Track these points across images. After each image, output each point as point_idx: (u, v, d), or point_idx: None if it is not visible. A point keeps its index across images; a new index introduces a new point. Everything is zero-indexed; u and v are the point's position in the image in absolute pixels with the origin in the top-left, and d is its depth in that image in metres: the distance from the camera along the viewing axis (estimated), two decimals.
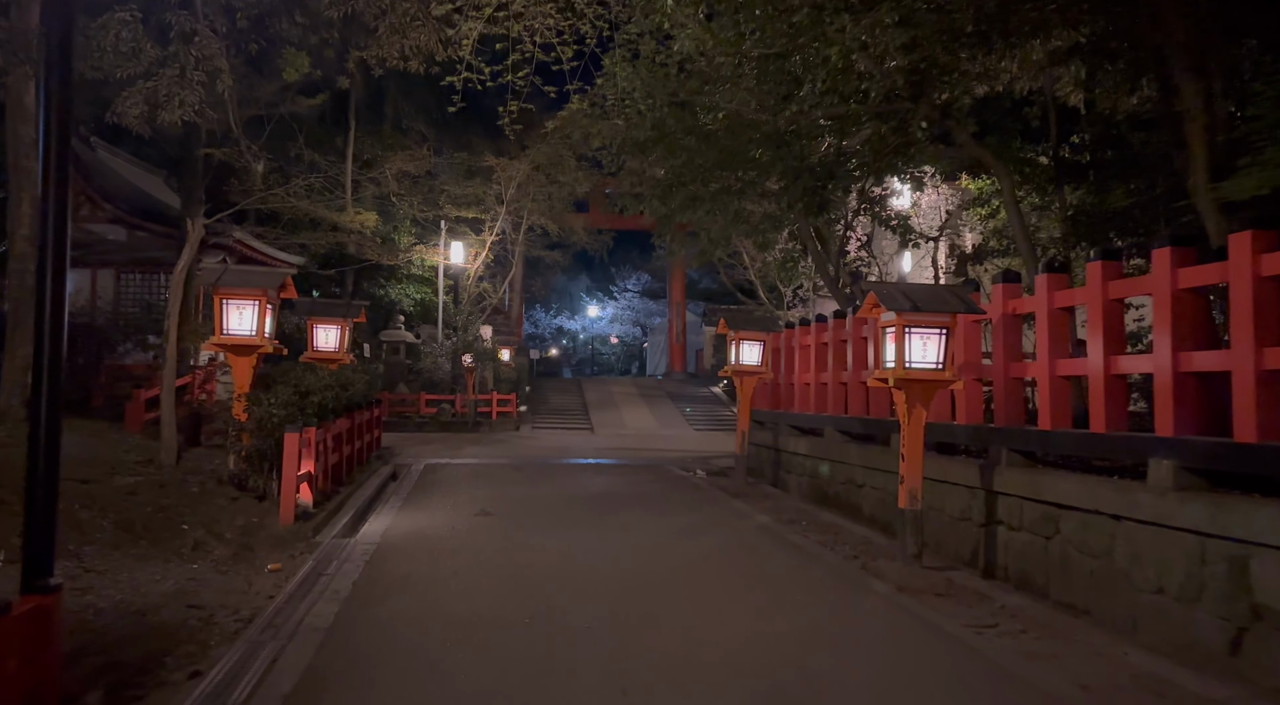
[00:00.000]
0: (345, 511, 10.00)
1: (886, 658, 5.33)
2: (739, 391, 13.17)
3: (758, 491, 12.74)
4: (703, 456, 17.69)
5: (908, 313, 7.47)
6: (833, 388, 12.00)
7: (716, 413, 29.31)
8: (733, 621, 5.95)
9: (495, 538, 8.64)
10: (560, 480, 13.21)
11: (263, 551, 8.09)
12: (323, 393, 10.03)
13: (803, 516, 10.53)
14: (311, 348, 12.20)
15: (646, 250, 54.95)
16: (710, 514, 10.45)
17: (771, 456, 14.18)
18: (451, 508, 10.42)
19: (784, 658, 5.17)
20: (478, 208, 27.86)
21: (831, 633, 5.83)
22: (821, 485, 12.12)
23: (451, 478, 13.26)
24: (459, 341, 24.56)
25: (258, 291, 9.15)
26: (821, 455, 12.13)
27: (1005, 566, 7.82)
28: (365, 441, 13.92)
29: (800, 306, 26.72)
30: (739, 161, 12.36)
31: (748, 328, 12.66)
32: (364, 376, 12.72)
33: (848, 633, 5.89)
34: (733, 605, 6.37)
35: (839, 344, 12.00)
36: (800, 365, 13.28)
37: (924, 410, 7.71)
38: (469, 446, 19.02)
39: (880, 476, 10.32)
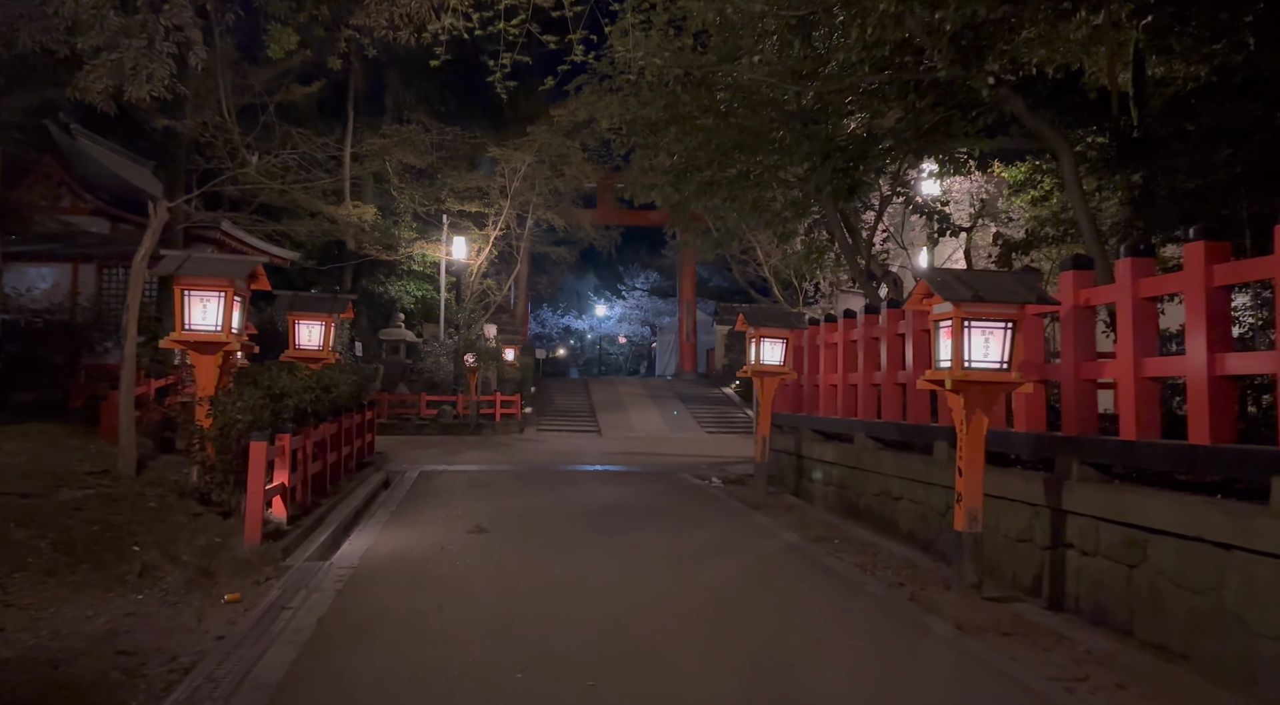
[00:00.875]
0: (324, 528, 8.99)
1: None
2: (759, 393, 12.11)
3: (780, 503, 11.68)
4: (717, 462, 16.64)
5: (968, 303, 6.40)
6: (863, 389, 10.94)
7: (728, 415, 28.23)
8: (771, 676, 4.89)
9: (489, 561, 7.60)
10: (564, 490, 12.16)
11: (223, 577, 7.07)
12: (300, 395, 9.01)
13: (833, 533, 9.47)
14: (293, 346, 11.20)
15: (655, 248, 53.97)
16: (730, 531, 9.39)
17: (793, 464, 13.11)
18: (443, 523, 9.39)
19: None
20: (481, 201, 26.83)
21: (892, 691, 4.77)
22: (850, 497, 11.06)
23: (447, 487, 12.22)
24: (461, 340, 23.52)
25: (223, 281, 8.14)
26: (851, 464, 11.06)
27: (1076, 597, 6.75)
28: (355, 447, 12.89)
29: (815, 304, 25.65)
30: (759, 143, 11.33)
31: (769, 324, 11.60)
32: (351, 377, 11.71)
33: (911, 690, 4.83)
34: (769, 653, 5.31)
35: (870, 342, 10.94)
36: (826, 365, 12.22)
37: (985, 417, 6.64)
38: (469, 451, 18.00)
39: (920, 489, 9.26)
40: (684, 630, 5.67)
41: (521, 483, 12.88)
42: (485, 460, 16.19)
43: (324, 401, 10.07)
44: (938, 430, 9.03)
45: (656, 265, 55.62)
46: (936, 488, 8.96)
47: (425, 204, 27.02)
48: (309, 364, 11.09)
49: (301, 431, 9.47)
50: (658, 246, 53.19)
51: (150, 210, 9.32)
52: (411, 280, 27.11)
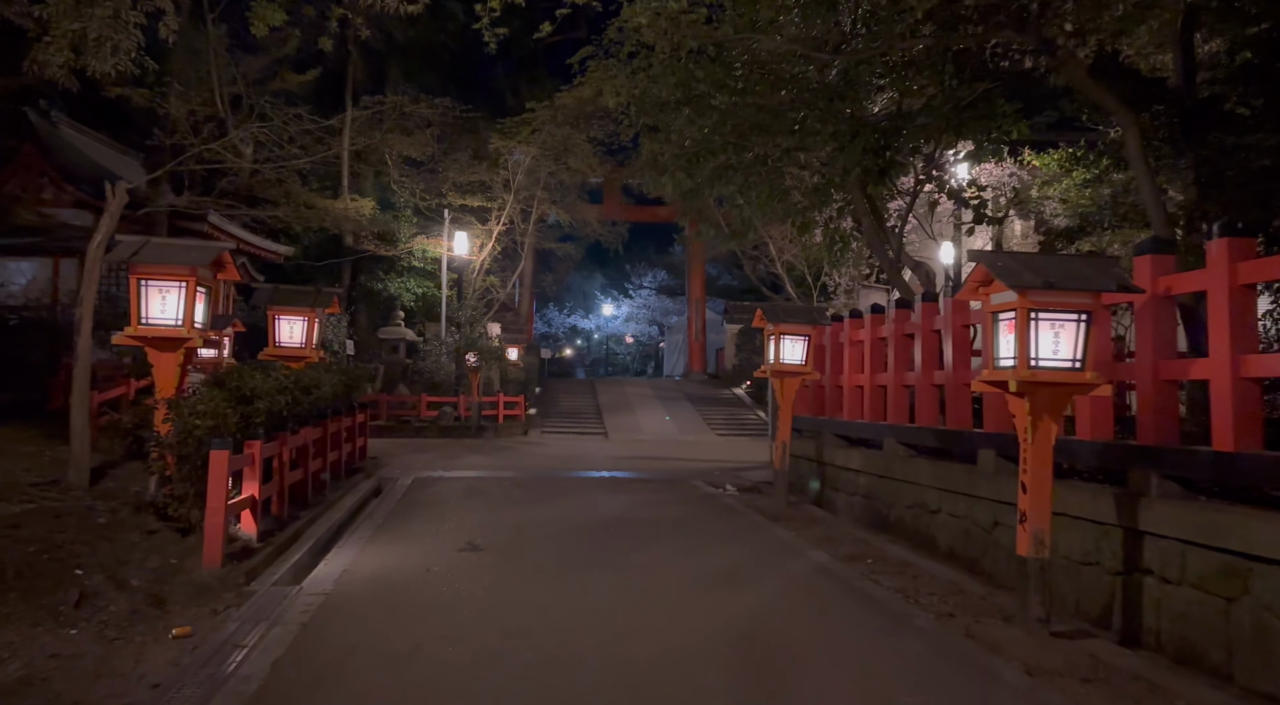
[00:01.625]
0: (300, 545, 8.10)
1: None
2: (778, 395, 11.18)
3: (801, 514, 10.75)
4: (730, 468, 15.71)
5: (1036, 292, 5.48)
6: (894, 391, 10.02)
7: (739, 416, 27.29)
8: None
9: (479, 587, 6.69)
10: (568, 500, 11.25)
11: (175, 606, 6.19)
12: (274, 397, 8.11)
13: (864, 550, 8.54)
14: (273, 343, 10.32)
15: (663, 246, 53.07)
16: (752, 549, 8.46)
17: (814, 470, 12.19)
18: (433, 538, 8.49)
19: None
20: (483, 195, 25.93)
21: None
22: (880, 508, 10.13)
23: (441, 496, 11.32)
24: (462, 339, 22.60)
25: (184, 270, 7.25)
26: (880, 472, 10.14)
27: (1156, 632, 5.84)
28: (343, 453, 12.02)
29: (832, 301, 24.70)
30: (778, 124, 10.42)
31: (790, 320, 10.68)
32: (336, 377, 10.83)
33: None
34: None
35: (902, 338, 10.02)
36: (851, 364, 11.29)
37: (1054, 424, 5.71)
38: (469, 455, 17.10)
39: (962, 502, 8.34)
40: (707, 681, 4.75)
41: (522, 491, 11.97)
42: (485, 466, 15.29)
43: (303, 404, 9.18)
44: (983, 437, 8.10)
45: (664, 263, 54.70)
46: (981, 501, 8.04)
47: (426, 198, 26.15)
48: (290, 363, 10.22)
49: (277, 438, 8.61)
50: (665, 244, 52.31)
51: (109, 193, 8.45)
52: (412, 277, 26.21)
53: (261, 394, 7.93)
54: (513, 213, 26.15)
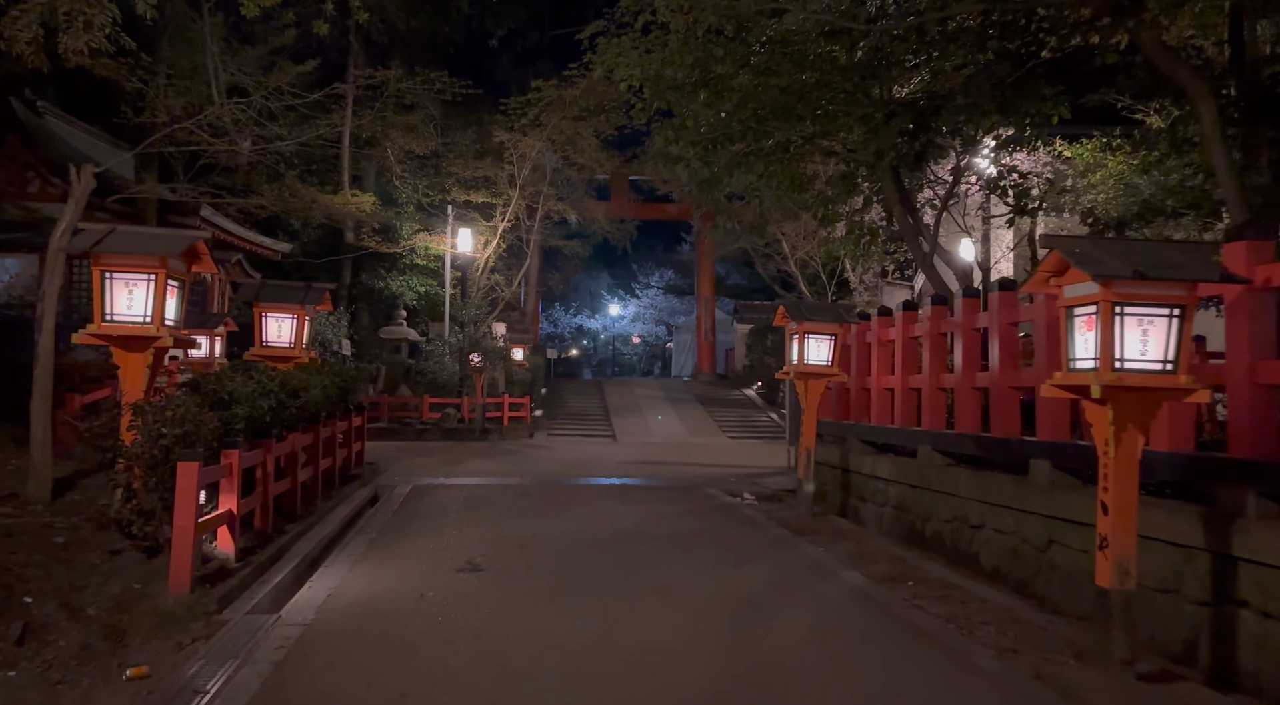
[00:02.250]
0: (285, 563, 7.38)
1: None
2: (802, 398, 10.43)
3: (827, 527, 10.00)
4: (746, 474, 14.96)
5: (1123, 282, 4.72)
6: (929, 394, 9.26)
7: (751, 419, 26.53)
8: None
9: (478, 615, 5.95)
10: (576, 511, 10.50)
11: (136, 639, 5.48)
12: (255, 402, 7.38)
13: (901, 569, 7.79)
14: (260, 342, 9.60)
15: (671, 244, 52.36)
16: (779, 568, 7.71)
17: (838, 479, 11.43)
18: (429, 556, 7.75)
19: None
20: (488, 190, 25.20)
21: None
22: (913, 521, 9.38)
23: (441, 506, 10.59)
24: (466, 339, 21.86)
25: (153, 261, 6.53)
26: (914, 482, 9.38)
27: (1255, 674, 5.09)
28: (337, 459, 11.28)
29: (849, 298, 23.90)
30: (803, 107, 9.68)
31: (815, 318, 9.92)
32: (329, 378, 10.10)
33: None
34: None
35: (938, 338, 9.26)
36: (879, 365, 10.54)
37: (1141, 435, 4.95)
38: (472, 460, 16.36)
39: (1010, 517, 7.58)
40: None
41: (527, 501, 11.23)
42: (488, 471, 14.55)
43: (290, 408, 8.45)
44: (1035, 446, 7.35)
45: (672, 262, 53.99)
46: (1033, 517, 7.28)
47: (429, 194, 25.44)
48: (278, 364, 9.50)
49: (261, 445, 7.88)
50: (674, 242, 51.60)
51: (73, 177, 7.74)
52: (414, 275, 25.48)
53: (241, 398, 7.21)
54: (518, 209, 25.42)
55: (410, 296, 25.31)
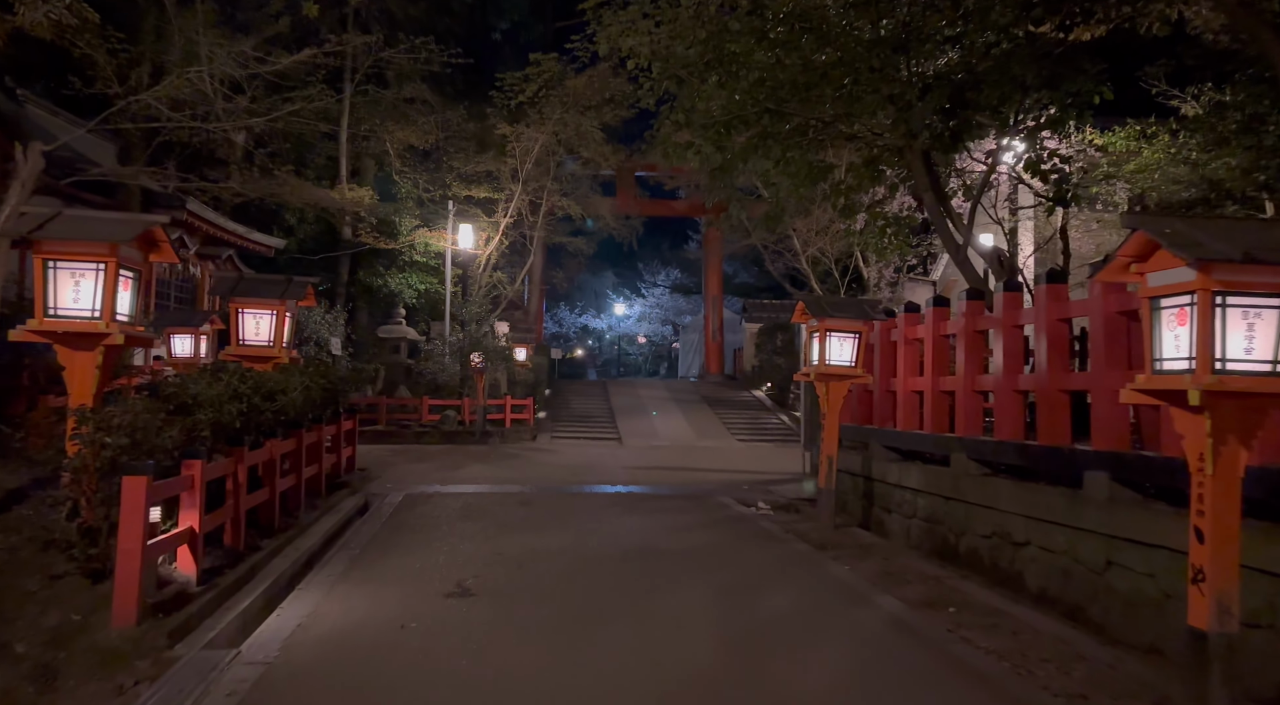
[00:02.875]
0: (255, 585, 6.64)
1: None
2: (823, 401, 9.67)
3: (850, 540, 9.24)
4: (758, 480, 14.20)
5: (1228, 266, 3.96)
6: (963, 398, 8.49)
7: (760, 420, 25.75)
8: None
9: (467, 650, 5.21)
10: (580, 522, 9.75)
11: (70, 681, 4.77)
12: (222, 406, 6.65)
13: (939, 592, 7.03)
14: (236, 341, 8.87)
15: (678, 242, 51.62)
16: (803, 591, 6.96)
17: (860, 487, 10.67)
18: (416, 577, 7.01)
19: None
20: (490, 185, 24.47)
21: None
22: (945, 534, 8.61)
23: (433, 518, 9.85)
24: (466, 338, 21.10)
25: (102, 248, 5.80)
26: (946, 493, 8.61)
27: None
28: (325, 466, 10.55)
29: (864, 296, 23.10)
30: (824, 86, 8.92)
31: (838, 314, 9.17)
32: (314, 379, 9.37)
33: None
34: None
35: (973, 336, 8.50)
36: (906, 366, 9.78)
37: (1244, 448, 4.19)
38: (471, 465, 15.62)
39: (1060, 535, 6.82)
40: None
41: (528, 511, 10.48)
42: (488, 478, 13.81)
43: (266, 412, 7.72)
44: (1092, 456, 6.58)
45: (679, 261, 53.26)
46: (1088, 535, 6.51)
47: (430, 189, 24.71)
48: (256, 364, 8.77)
49: (232, 454, 7.16)
50: (680, 240, 50.86)
51: (19, 156, 7.02)
52: (414, 272, 24.74)
53: (206, 402, 6.47)
54: (521, 204, 24.69)
55: (410, 294, 24.58)
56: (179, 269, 17.23)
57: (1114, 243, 13.97)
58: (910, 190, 9.67)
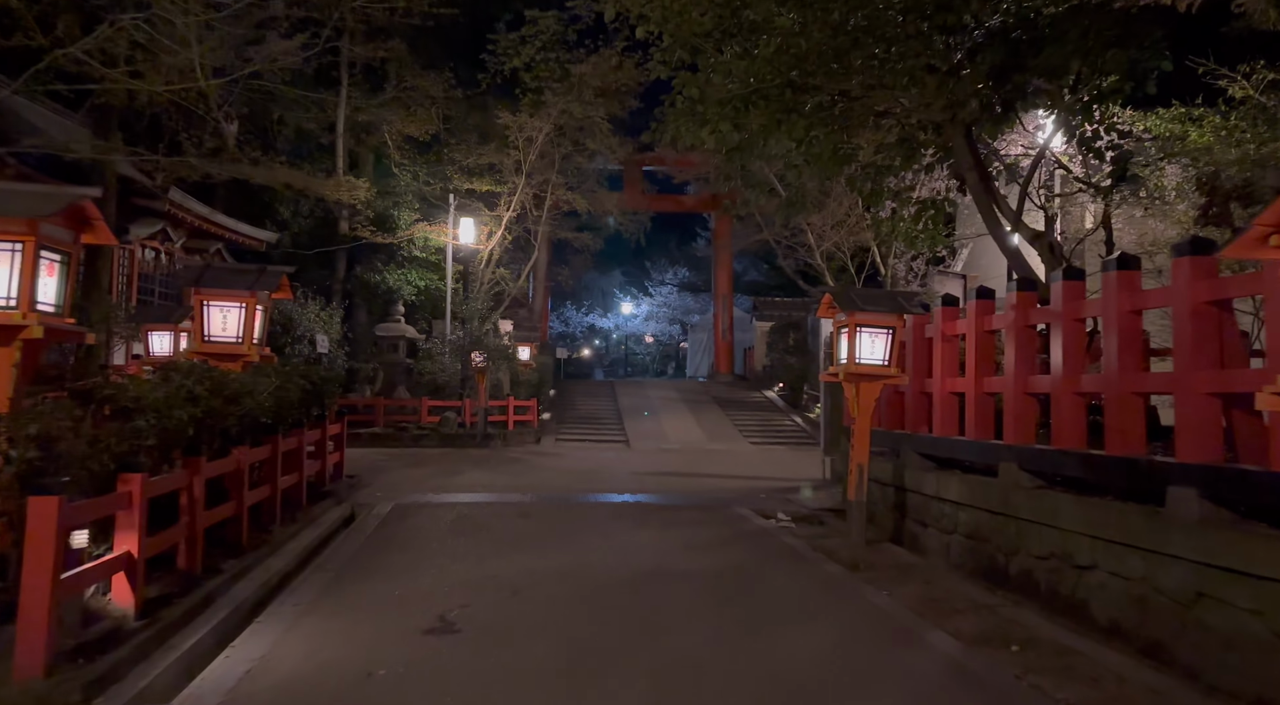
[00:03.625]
0: (208, 617, 5.75)
1: None
2: (852, 404, 8.75)
3: (885, 559, 8.32)
4: (775, 488, 13.28)
5: None
6: (1013, 400, 7.56)
7: (773, 422, 24.82)
8: None
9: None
10: (584, 538, 8.84)
11: None
12: (171, 413, 5.77)
13: (996, 625, 6.11)
14: (200, 337, 7.99)
15: (686, 239, 50.71)
16: (841, 625, 6.04)
17: (890, 498, 9.75)
18: (395, 607, 6.11)
19: None
20: (492, 178, 23.57)
21: None
22: (991, 553, 7.69)
23: (422, 532, 8.96)
24: (467, 336, 20.20)
25: (16, 225, 4.91)
26: (993, 507, 7.68)
27: None
28: (306, 474, 9.68)
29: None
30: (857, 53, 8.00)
31: (871, 308, 8.25)
32: (287, 380, 8.49)
33: None
34: None
35: (1024, 332, 7.58)
36: (944, 365, 8.85)
37: None
38: (470, 470, 14.73)
39: (1136, 559, 5.89)
40: None
41: (527, 524, 9.58)
42: (486, 485, 12.91)
43: (230, 417, 6.84)
44: (1175, 469, 5.65)
45: (687, 259, 52.40)
46: (1172, 561, 5.58)
47: (431, 182, 23.83)
48: (223, 363, 7.89)
49: (189, 465, 6.29)
50: (689, 238, 49.96)
51: None
52: (413, 268, 23.84)
53: (150, 406, 5.58)
54: (524, 198, 23.79)
55: (409, 291, 23.69)
56: (163, 263, 16.40)
57: (1161, 232, 13.01)
58: (950, 170, 8.75)
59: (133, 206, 14.44)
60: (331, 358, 20.17)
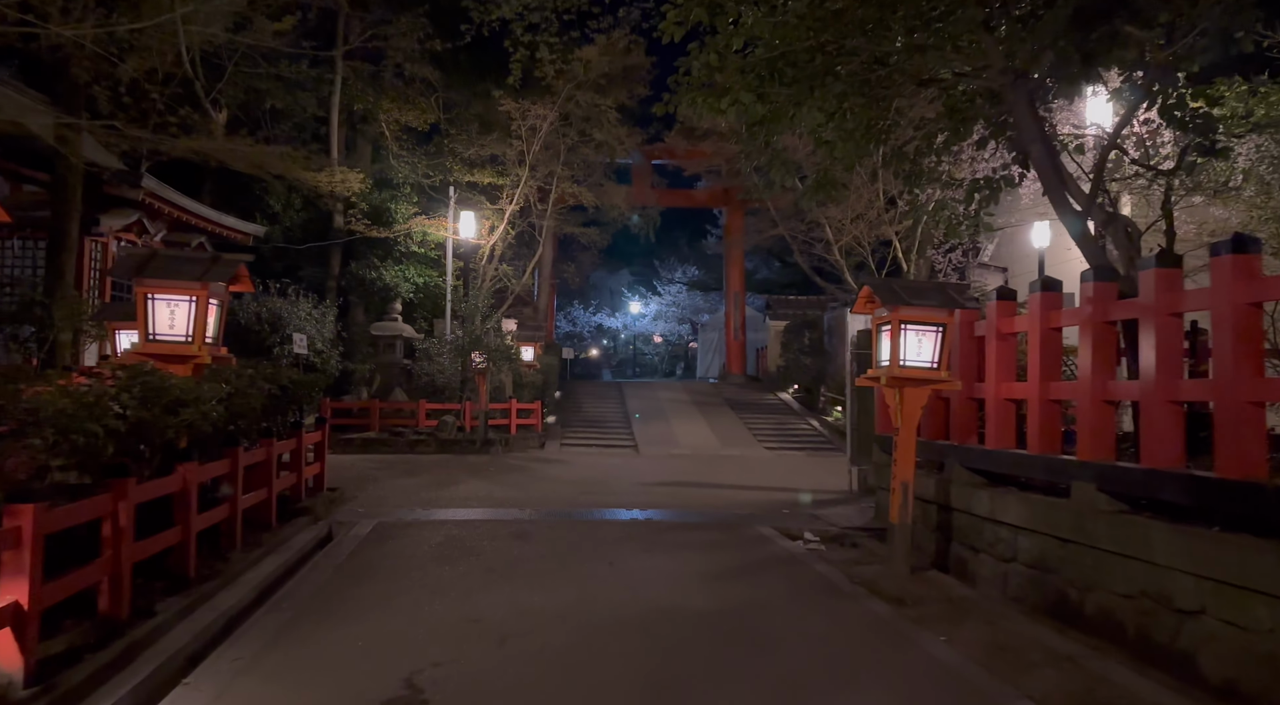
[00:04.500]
0: (124, 679, 4.70)
1: None
2: (894, 412, 7.65)
3: (933, 592, 7.21)
4: (798, 501, 12.17)
5: None
6: (1091, 410, 6.46)
7: (789, 426, 23.68)
8: None
9: None
10: (588, 566, 7.74)
11: None
12: (82, 427, 4.70)
13: (1086, 685, 5.02)
14: (144, 335, 6.93)
15: (696, 236, 49.56)
16: (897, 686, 4.94)
17: (933, 517, 8.63)
18: (354, 666, 5.02)
19: None
20: (494, 169, 22.51)
21: None
22: (1060, 587, 6.59)
23: (403, 558, 7.88)
24: (466, 335, 19.13)
25: None
26: (1064, 534, 6.58)
27: None
28: (275, 491, 8.61)
29: None
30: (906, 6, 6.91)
31: (918, 302, 7.15)
32: (247, 384, 7.43)
33: None
34: None
35: (1103, 329, 6.46)
36: (999, 366, 7.74)
37: None
38: (466, 480, 13.65)
39: (1261, 608, 4.81)
40: None
41: (523, 547, 8.49)
42: (482, 498, 11.83)
43: (171, 430, 5.78)
44: None
45: (696, 257, 51.30)
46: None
47: (430, 174, 22.78)
48: (170, 365, 6.83)
49: (113, 489, 5.22)
50: (698, 235, 48.84)
51: None
52: (411, 264, 22.75)
53: (50, 420, 4.52)
54: (528, 191, 22.71)
55: (406, 289, 22.61)
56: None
57: (1223, 220, 11.87)
58: (1011, 143, 7.64)
59: (104, 196, 13.41)
60: (324, 358, 19.14)
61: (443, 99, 22.69)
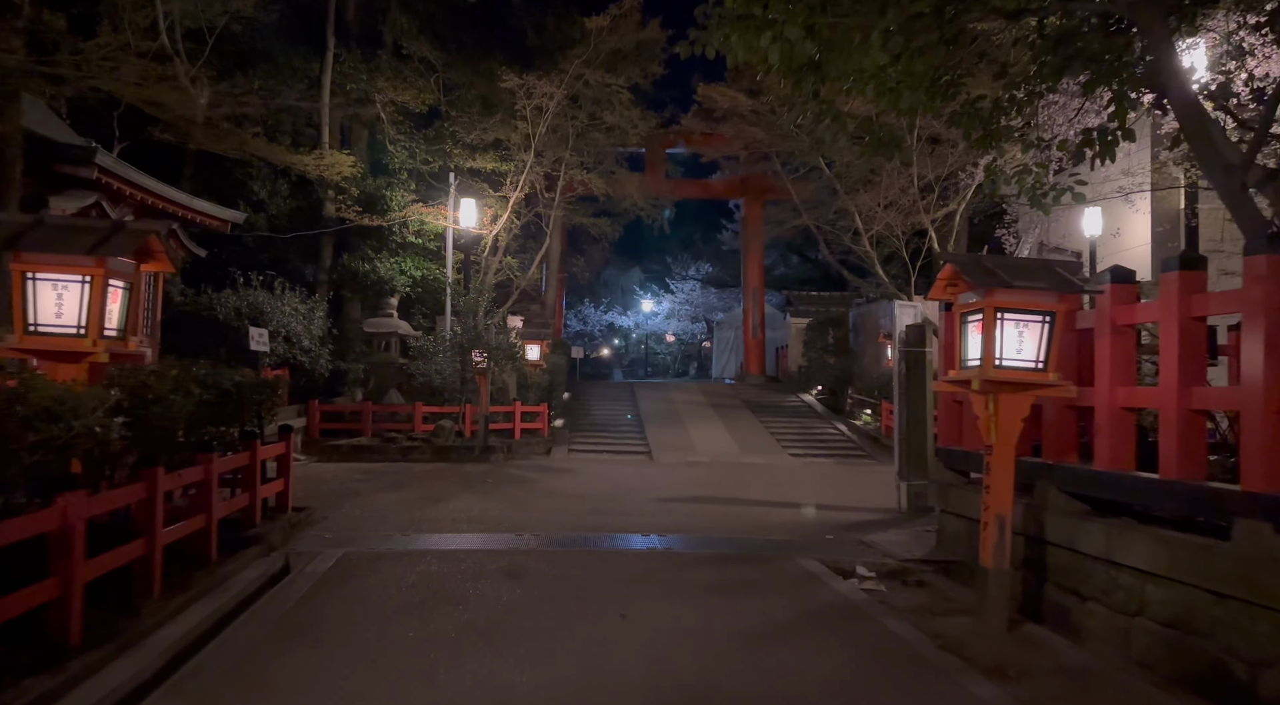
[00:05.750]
0: None
1: None
2: (985, 424, 6.06)
3: (1039, 658, 5.60)
4: (839, 521, 10.56)
5: None
6: (1261, 424, 4.84)
7: (814, 430, 22.03)
8: None
9: None
10: (593, 621, 6.12)
11: None
12: None
13: None
14: (22, 325, 5.38)
15: (710, 232, 47.91)
16: None
17: (1018, 551, 6.99)
18: None
19: None
20: (498, 154, 20.96)
21: None
22: (1213, 655, 5.01)
23: (361, 608, 6.29)
24: (465, 333, 17.57)
25: None
26: (1219, 586, 5.00)
27: None
28: (217, 517, 7.06)
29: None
30: None
31: (1021, 284, 5.56)
32: (167, 389, 5.89)
33: None
34: None
35: (1277, 317, 4.85)
36: (1113, 367, 6.13)
37: None
38: (459, 495, 12.06)
39: None
40: None
41: (514, 591, 6.88)
42: (474, 518, 10.26)
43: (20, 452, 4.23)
44: None
45: (711, 253, 49.67)
46: None
47: (430, 160, 21.24)
48: (55, 363, 5.29)
49: None
50: (713, 230, 47.25)
51: None
52: (408, 256, 21.18)
53: None
54: (534, 178, 21.14)
55: (403, 282, 21.05)
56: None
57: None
58: (1145, 81, 6.02)
59: (54, 174, 11.91)
60: (314, 357, 17.64)
61: (443, 79, 21.17)
